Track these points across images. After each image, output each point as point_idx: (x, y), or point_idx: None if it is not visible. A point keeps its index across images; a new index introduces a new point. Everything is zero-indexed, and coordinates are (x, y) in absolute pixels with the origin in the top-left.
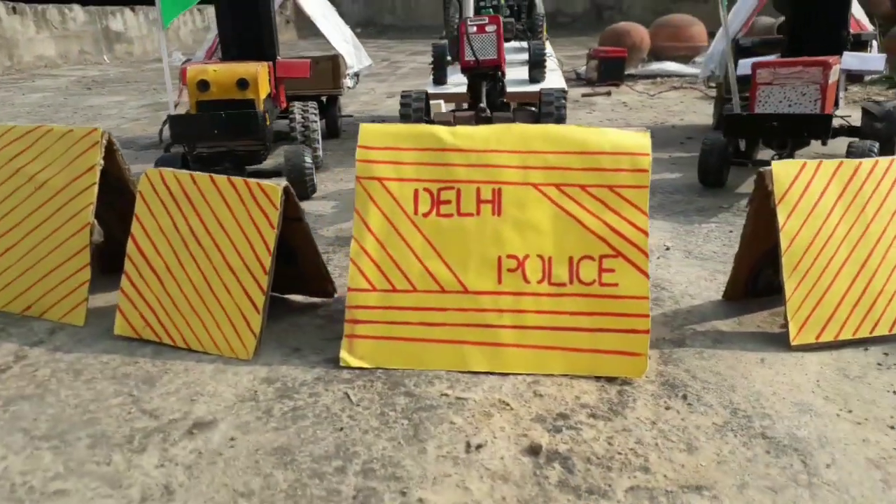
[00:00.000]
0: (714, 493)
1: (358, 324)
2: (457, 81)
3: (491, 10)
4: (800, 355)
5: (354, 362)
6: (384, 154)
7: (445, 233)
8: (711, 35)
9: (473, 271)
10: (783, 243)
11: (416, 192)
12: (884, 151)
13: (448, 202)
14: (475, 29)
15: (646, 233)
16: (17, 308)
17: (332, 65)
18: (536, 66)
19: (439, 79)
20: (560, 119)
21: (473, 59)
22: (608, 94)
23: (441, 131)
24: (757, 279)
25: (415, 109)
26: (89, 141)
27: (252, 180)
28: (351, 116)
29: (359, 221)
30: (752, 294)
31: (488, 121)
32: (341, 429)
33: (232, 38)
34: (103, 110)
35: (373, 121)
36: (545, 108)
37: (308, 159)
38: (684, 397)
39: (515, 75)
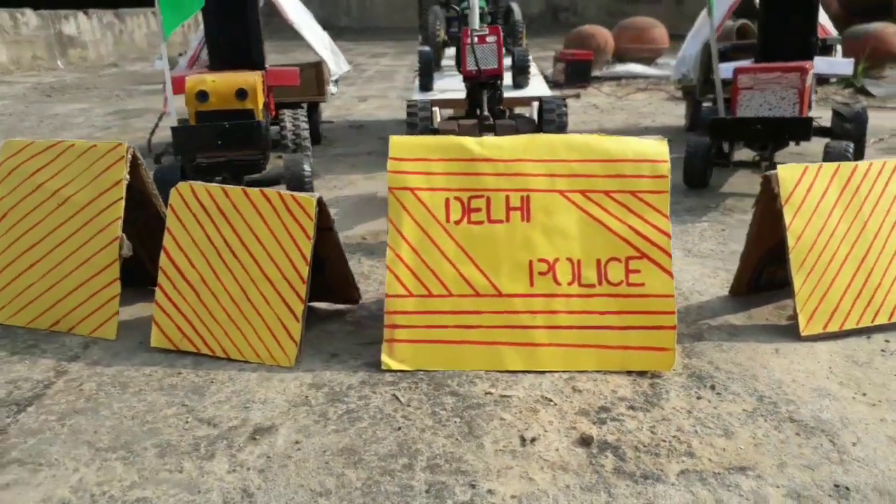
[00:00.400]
0: (757, 472)
1: (397, 328)
2: (443, 87)
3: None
4: (810, 345)
5: (395, 365)
6: (415, 165)
7: (477, 239)
8: (673, 37)
9: (506, 275)
10: (790, 241)
11: (447, 200)
12: (854, 151)
13: (478, 210)
14: (476, 39)
15: (668, 235)
16: (44, 324)
17: (315, 72)
18: (521, 73)
19: (426, 85)
20: (562, 126)
21: (476, 68)
22: (577, 96)
23: (469, 142)
24: (760, 275)
25: (421, 119)
26: (115, 156)
27: (286, 192)
28: (332, 122)
29: (393, 230)
30: (755, 289)
31: (491, 128)
32: (399, 428)
33: (220, 46)
34: (69, 119)
35: (350, 126)
36: (547, 116)
37: (307, 167)
38: (712, 387)
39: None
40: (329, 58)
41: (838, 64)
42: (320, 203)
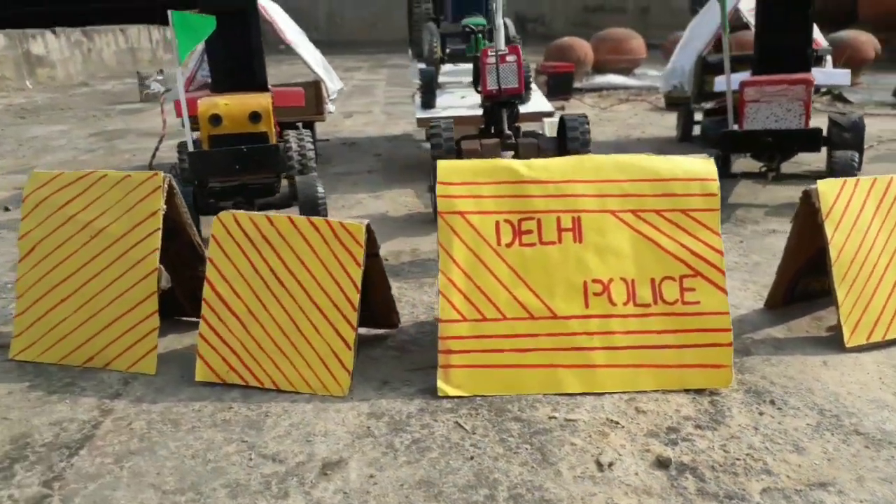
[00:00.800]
0: (839, 488)
1: (452, 354)
2: (445, 105)
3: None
4: (855, 356)
5: (452, 391)
6: (463, 189)
7: (529, 261)
8: (650, 47)
9: (560, 297)
10: (832, 254)
11: (497, 223)
12: None
13: (530, 232)
14: (494, 60)
15: (721, 252)
16: (77, 360)
17: (314, 91)
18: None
19: (428, 102)
20: (585, 143)
21: (496, 87)
22: (562, 108)
23: (516, 164)
24: (795, 287)
25: (446, 139)
26: (150, 186)
27: (334, 220)
28: (327, 140)
29: (444, 255)
30: (789, 301)
31: (514, 147)
32: (471, 458)
33: (223, 67)
34: (50, 141)
35: (343, 143)
36: (571, 133)
37: (320, 189)
38: (772, 402)
39: None
40: (325, 76)
41: (835, 75)
42: (368, 229)
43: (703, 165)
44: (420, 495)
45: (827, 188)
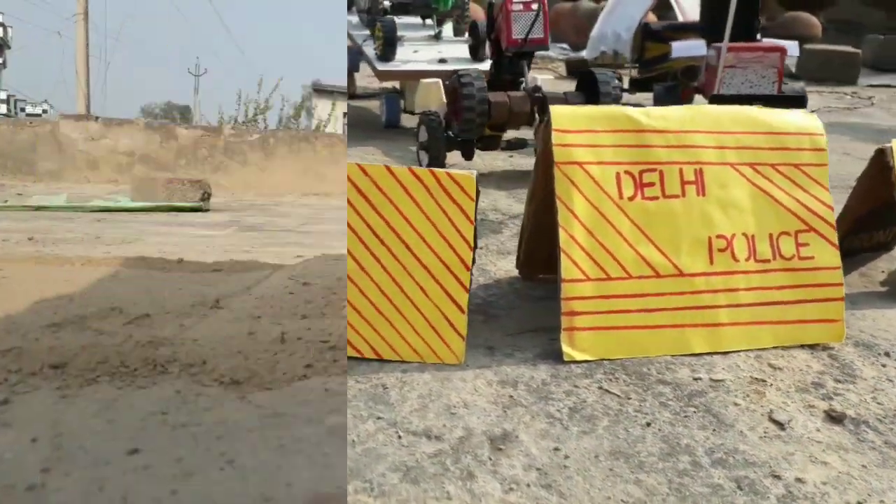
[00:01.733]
0: None
1: (576, 315)
2: (405, 58)
3: None
4: None
5: (579, 356)
6: (581, 137)
7: (654, 216)
8: None
9: (686, 253)
10: None
11: (617, 175)
12: None
13: (651, 184)
14: (521, 8)
15: (831, 207)
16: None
17: None
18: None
19: (387, 56)
20: (617, 100)
21: (522, 38)
22: None
23: (634, 112)
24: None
25: (478, 89)
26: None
27: (440, 170)
28: None
29: (563, 209)
30: None
31: (542, 100)
32: (648, 424)
33: None
34: None
35: None
36: (603, 89)
37: None
38: (887, 354)
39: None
40: None
41: (787, 46)
42: (477, 181)
43: (810, 120)
44: (623, 467)
45: None
